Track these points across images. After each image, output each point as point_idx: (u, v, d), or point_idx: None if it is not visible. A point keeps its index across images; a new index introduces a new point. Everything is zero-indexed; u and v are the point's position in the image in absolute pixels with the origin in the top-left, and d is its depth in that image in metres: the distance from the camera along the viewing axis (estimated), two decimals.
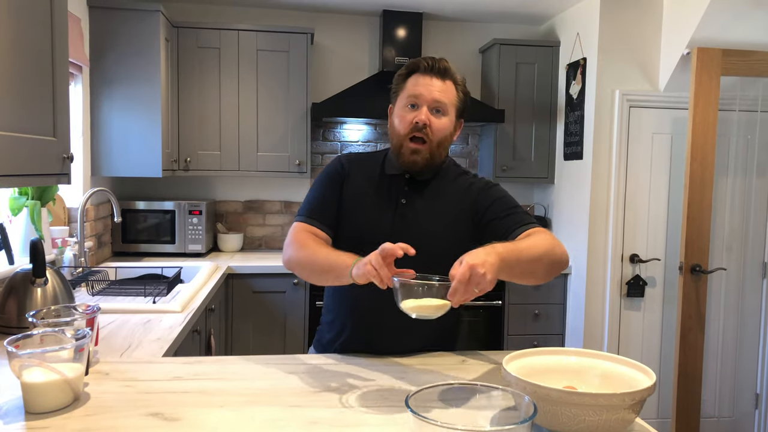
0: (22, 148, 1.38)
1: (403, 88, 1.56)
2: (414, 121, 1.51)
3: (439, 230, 1.57)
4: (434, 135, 1.52)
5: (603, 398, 0.99)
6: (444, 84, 1.53)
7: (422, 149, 1.52)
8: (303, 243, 1.51)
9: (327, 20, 3.86)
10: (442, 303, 1.23)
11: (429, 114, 1.51)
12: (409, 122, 1.52)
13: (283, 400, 1.23)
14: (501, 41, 3.69)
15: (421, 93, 1.51)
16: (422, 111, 1.51)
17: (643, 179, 3.33)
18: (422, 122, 1.50)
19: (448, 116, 1.54)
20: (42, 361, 1.13)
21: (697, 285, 3.02)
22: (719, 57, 2.94)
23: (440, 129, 1.52)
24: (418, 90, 1.51)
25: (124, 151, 3.11)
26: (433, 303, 1.23)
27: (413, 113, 1.52)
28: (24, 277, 1.74)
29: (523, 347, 1.31)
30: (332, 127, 3.95)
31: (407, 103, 1.53)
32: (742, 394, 3.46)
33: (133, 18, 3.06)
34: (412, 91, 1.52)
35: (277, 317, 3.32)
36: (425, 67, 1.52)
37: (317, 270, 1.47)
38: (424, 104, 1.51)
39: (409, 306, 1.24)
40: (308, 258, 1.48)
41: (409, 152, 1.53)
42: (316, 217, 1.58)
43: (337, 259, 1.40)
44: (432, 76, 1.52)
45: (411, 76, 1.55)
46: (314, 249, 1.48)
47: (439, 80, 1.52)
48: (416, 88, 1.52)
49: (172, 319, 2.05)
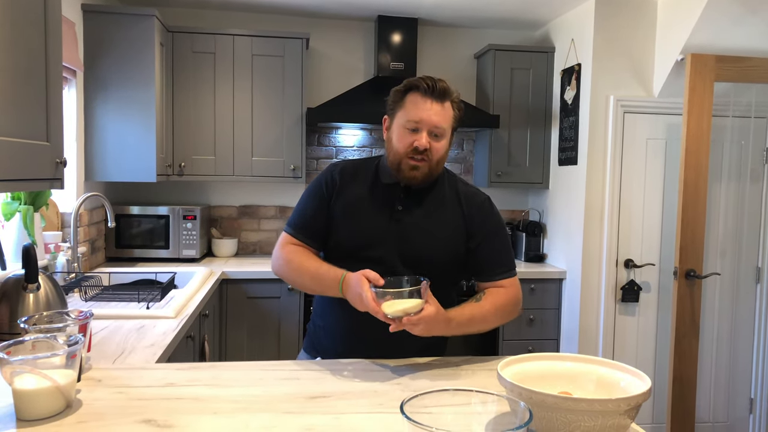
0: (14, 153, 1.37)
1: (401, 105, 1.58)
2: (414, 146, 1.54)
3: (434, 236, 1.61)
4: (433, 156, 1.56)
5: (598, 404, 0.99)
6: (442, 107, 1.56)
7: (422, 165, 1.56)
8: (288, 258, 1.61)
9: (322, 25, 3.87)
10: (417, 303, 1.36)
11: (428, 138, 1.55)
12: (408, 144, 1.55)
13: (277, 407, 1.22)
14: (496, 47, 3.71)
15: (421, 119, 1.54)
16: (422, 136, 1.54)
17: (638, 185, 3.34)
18: (423, 147, 1.54)
19: (446, 138, 1.58)
20: (33, 367, 1.12)
21: (692, 290, 3.02)
22: (713, 63, 2.96)
23: (438, 151, 1.57)
24: (419, 115, 1.54)
25: (118, 155, 3.10)
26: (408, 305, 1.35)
27: (413, 137, 1.55)
28: (16, 282, 1.72)
29: (518, 352, 1.31)
30: (327, 132, 3.95)
31: (407, 127, 1.56)
32: (736, 399, 3.47)
33: (127, 22, 3.05)
34: (413, 116, 1.55)
35: (272, 323, 3.31)
36: (425, 89, 1.54)
37: (305, 285, 1.60)
38: (425, 129, 1.54)
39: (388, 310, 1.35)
40: (294, 272, 1.60)
41: (409, 168, 1.57)
42: (302, 231, 1.65)
43: (325, 275, 1.51)
44: (432, 99, 1.55)
45: (409, 93, 1.57)
46: (300, 262, 1.58)
47: (438, 104, 1.55)
48: (417, 113, 1.54)
49: (165, 325, 2.04)
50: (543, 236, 3.85)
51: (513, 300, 1.61)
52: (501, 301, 1.58)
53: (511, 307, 1.61)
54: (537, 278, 3.53)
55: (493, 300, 1.58)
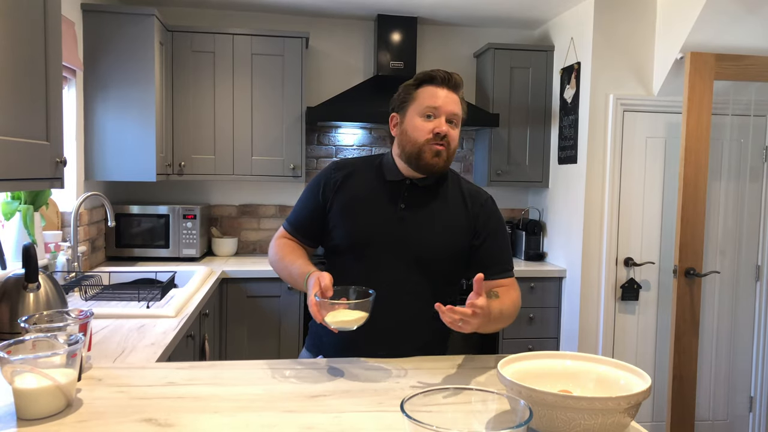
0: (14, 152, 1.37)
1: (413, 98, 1.60)
2: (435, 132, 1.56)
3: (438, 234, 1.62)
4: (451, 144, 1.60)
5: (598, 402, 0.99)
6: (457, 96, 1.60)
7: (443, 151, 1.58)
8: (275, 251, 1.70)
9: (322, 24, 3.87)
10: (361, 315, 1.37)
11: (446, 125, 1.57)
12: (428, 131, 1.57)
13: (277, 405, 1.22)
14: (495, 46, 3.70)
15: (439, 105, 1.57)
16: (441, 121, 1.57)
17: (637, 183, 3.34)
18: (443, 132, 1.56)
19: (459, 127, 1.62)
20: (34, 366, 1.12)
21: (692, 288, 3.03)
22: (712, 61, 2.96)
23: (454, 139, 1.61)
24: (437, 102, 1.57)
25: (118, 155, 3.10)
26: (350, 317, 1.37)
27: (432, 123, 1.57)
28: (16, 282, 1.72)
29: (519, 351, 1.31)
30: (327, 131, 3.95)
31: (424, 113, 1.58)
32: (736, 397, 3.47)
33: (127, 22, 3.05)
34: (431, 103, 1.57)
35: (272, 322, 3.31)
36: (441, 79, 1.58)
37: (284, 278, 1.65)
38: (443, 115, 1.57)
39: (330, 320, 1.36)
40: (278, 264, 1.67)
41: (432, 155, 1.58)
42: (297, 229, 1.71)
43: (296, 271, 1.56)
44: (448, 88, 1.58)
45: (421, 87, 1.60)
46: (282, 256, 1.65)
47: (453, 93, 1.59)
48: (434, 99, 1.57)
49: (166, 324, 2.04)
50: (543, 235, 3.86)
51: (518, 300, 1.63)
52: (514, 299, 1.60)
53: (518, 306, 1.63)
54: (537, 277, 3.53)
55: (509, 298, 1.58)
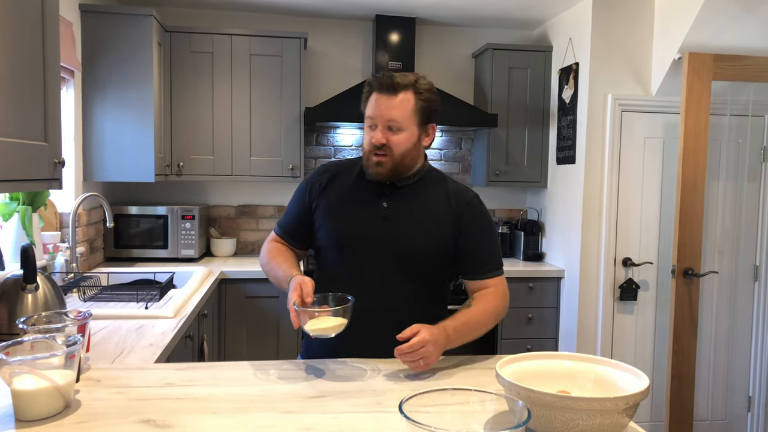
0: (13, 153, 1.37)
1: (365, 107, 1.64)
2: (372, 143, 1.59)
3: (421, 232, 1.63)
4: (395, 150, 1.59)
5: (596, 402, 0.99)
6: (396, 99, 1.57)
7: (384, 161, 1.60)
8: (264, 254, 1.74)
9: (320, 25, 3.87)
10: (339, 322, 1.38)
11: (386, 132, 1.58)
12: (368, 142, 1.60)
13: (276, 406, 1.22)
14: (494, 46, 3.71)
15: (374, 114, 1.59)
16: (378, 131, 1.58)
17: (636, 183, 3.35)
18: (378, 142, 1.58)
19: (405, 130, 1.59)
20: (32, 368, 1.12)
21: (690, 288, 3.03)
22: (710, 62, 2.96)
23: (398, 144, 1.59)
24: (373, 111, 1.59)
25: (116, 155, 3.10)
26: (328, 324, 1.37)
27: (371, 134, 1.60)
28: (14, 283, 1.72)
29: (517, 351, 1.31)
30: (325, 132, 3.95)
31: (368, 124, 1.61)
32: (734, 397, 3.48)
33: (125, 22, 3.05)
34: (369, 113, 1.61)
35: (271, 322, 3.30)
36: (379, 85, 1.59)
37: (272, 280, 1.69)
38: (380, 123, 1.58)
39: (308, 328, 1.38)
40: (266, 266, 1.71)
41: (373, 165, 1.61)
42: (286, 232, 1.76)
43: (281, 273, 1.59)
44: (385, 94, 1.58)
45: (370, 95, 1.62)
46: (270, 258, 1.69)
47: (391, 97, 1.57)
48: (371, 109, 1.60)
49: (164, 325, 2.04)
50: (541, 235, 3.86)
51: (501, 299, 1.64)
52: (491, 303, 1.62)
53: (501, 306, 1.64)
54: (535, 277, 3.53)
55: (483, 303, 1.61)
